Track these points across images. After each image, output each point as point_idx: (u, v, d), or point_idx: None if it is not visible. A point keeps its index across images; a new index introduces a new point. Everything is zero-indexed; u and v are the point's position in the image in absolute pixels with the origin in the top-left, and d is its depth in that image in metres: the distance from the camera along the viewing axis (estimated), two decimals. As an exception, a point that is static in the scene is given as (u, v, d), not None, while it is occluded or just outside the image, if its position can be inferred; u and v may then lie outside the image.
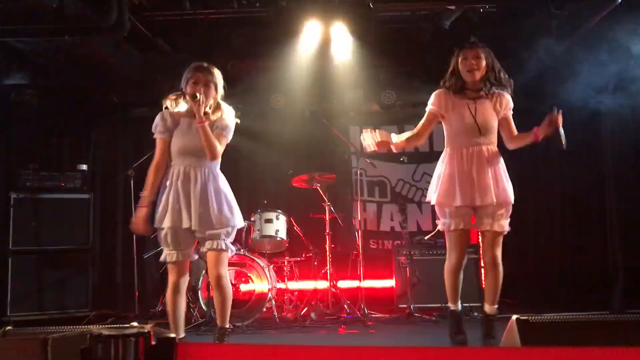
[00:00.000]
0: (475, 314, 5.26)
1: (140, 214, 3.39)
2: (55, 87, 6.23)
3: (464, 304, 3.96)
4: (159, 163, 3.47)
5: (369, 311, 5.61)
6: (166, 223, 3.34)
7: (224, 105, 3.55)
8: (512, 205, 3.68)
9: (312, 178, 5.84)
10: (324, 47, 5.75)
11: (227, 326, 3.50)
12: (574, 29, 5.14)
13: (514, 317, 3.15)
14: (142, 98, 6.74)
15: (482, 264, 3.87)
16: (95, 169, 6.60)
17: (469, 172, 3.61)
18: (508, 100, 3.74)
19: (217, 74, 3.48)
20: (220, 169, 3.57)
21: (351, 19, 5.32)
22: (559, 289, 6.42)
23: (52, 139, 6.74)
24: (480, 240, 3.83)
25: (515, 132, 3.80)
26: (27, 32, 4.93)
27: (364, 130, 3.72)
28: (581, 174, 6.60)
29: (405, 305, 5.73)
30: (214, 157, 3.38)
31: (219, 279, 3.40)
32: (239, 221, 3.50)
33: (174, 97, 3.54)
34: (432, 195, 3.76)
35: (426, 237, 4.19)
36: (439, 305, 5.45)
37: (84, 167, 6.18)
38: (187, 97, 3.40)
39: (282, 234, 5.84)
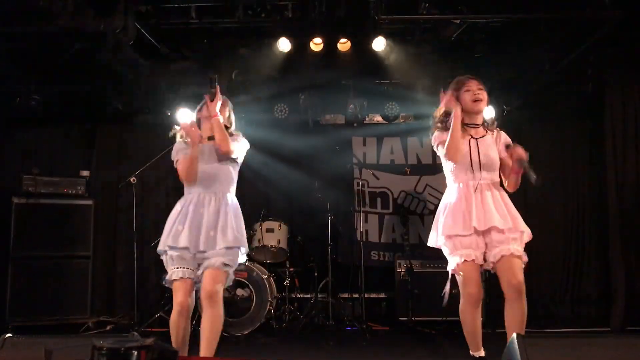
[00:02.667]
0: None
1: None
2: (60, 93, 6.24)
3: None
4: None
5: (370, 323, 5.59)
6: (168, 243, 3.34)
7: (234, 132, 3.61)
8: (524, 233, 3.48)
9: (314, 188, 5.84)
10: (328, 58, 5.77)
11: (210, 356, 3.29)
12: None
13: (515, 332, 3.15)
14: (146, 105, 6.75)
15: (505, 297, 3.42)
16: (97, 175, 6.60)
17: (476, 201, 3.40)
18: (507, 139, 3.54)
19: (227, 101, 3.59)
20: None
21: (356, 30, 5.36)
22: (560, 304, 6.40)
23: (56, 144, 6.76)
24: (498, 275, 3.43)
25: None
26: (34, 38, 4.95)
27: None
28: (583, 189, 6.61)
29: (405, 318, 5.71)
30: (226, 150, 3.38)
31: (208, 295, 3.28)
32: (243, 249, 3.46)
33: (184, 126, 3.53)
34: (438, 236, 3.49)
35: (444, 299, 3.76)
36: (440, 318, 5.45)
37: (87, 173, 6.19)
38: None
39: (284, 244, 5.83)
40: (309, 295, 6.09)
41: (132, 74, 5.82)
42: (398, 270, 5.96)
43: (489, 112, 3.91)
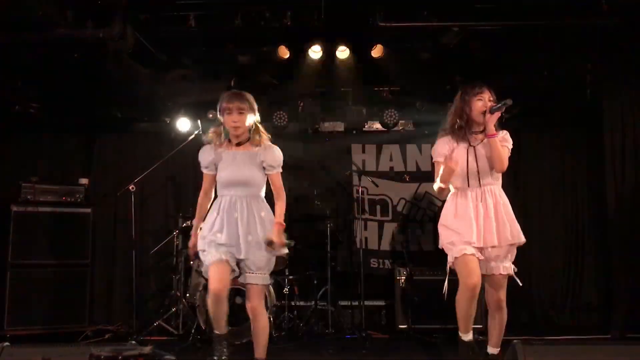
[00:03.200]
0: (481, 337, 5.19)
1: (193, 241, 3.56)
2: (59, 101, 6.24)
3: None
4: (206, 193, 3.62)
5: (369, 331, 5.58)
6: (220, 239, 3.39)
7: (262, 129, 3.66)
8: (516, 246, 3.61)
9: (314, 195, 5.83)
10: (328, 65, 5.78)
11: (264, 358, 3.50)
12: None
13: (515, 340, 3.14)
14: (145, 113, 6.76)
15: (487, 307, 3.68)
16: (96, 183, 6.59)
17: (480, 212, 3.49)
18: (503, 137, 3.56)
19: (250, 98, 3.56)
20: None
21: (355, 38, 5.37)
22: (560, 312, 6.39)
23: (54, 152, 6.75)
24: (485, 286, 3.61)
25: None
26: (33, 46, 4.96)
27: None
28: (582, 195, 6.61)
29: (405, 325, 5.69)
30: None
31: (254, 309, 3.49)
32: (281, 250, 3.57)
33: (215, 130, 3.59)
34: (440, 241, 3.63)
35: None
36: (439, 326, 5.43)
37: (85, 181, 6.18)
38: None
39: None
40: (308, 303, 6.06)
41: (131, 82, 5.82)
42: (398, 277, 5.94)
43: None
